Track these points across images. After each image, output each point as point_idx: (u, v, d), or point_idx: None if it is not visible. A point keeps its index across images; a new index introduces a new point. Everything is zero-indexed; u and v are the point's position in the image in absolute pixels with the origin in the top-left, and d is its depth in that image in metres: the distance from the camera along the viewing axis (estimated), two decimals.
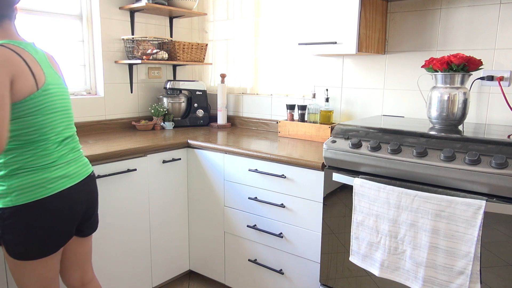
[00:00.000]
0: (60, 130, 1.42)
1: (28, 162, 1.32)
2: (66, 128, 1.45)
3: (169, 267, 2.39)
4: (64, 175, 1.40)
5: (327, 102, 2.36)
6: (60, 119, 1.41)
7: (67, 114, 1.46)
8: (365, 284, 1.71)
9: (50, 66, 1.42)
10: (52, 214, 1.36)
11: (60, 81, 1.45)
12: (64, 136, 1.43)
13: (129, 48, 2.66)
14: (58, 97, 1.41)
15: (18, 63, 1.28)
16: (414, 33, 2.12)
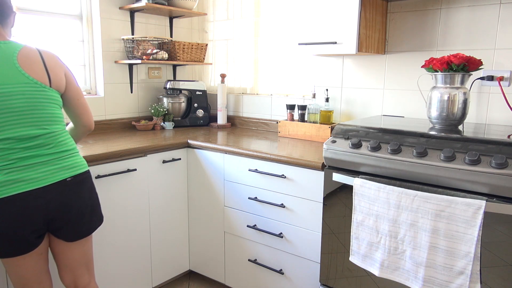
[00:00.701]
0: (12, 132, 1.33)
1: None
2: (23, 130, 1.35)
3: (169, 267, 2.39)
4: (18, 179, 1.33)
5: (327, 102, 2.36)
6: (8, 121, 1.33)
7: (25, 115, 1.35)
8: (365, 284, 1.71)
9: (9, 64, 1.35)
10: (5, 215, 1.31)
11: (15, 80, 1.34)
12: (21, 138, 1.34)
13: (129, 48, 2.66)
14: (5, 97, 1.32)
15: None
16: (414, 33, 2.12)
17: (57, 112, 1.46)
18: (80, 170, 1.48)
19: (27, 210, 1.34)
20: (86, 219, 1.51)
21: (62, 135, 1.47)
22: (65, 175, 1.42)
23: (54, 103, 1.44)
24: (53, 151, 1.41)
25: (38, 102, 1.39)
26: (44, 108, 1.40)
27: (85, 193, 1.49)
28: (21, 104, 1.35)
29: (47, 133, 1.41)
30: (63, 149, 1.44)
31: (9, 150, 1.33)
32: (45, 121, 1.40)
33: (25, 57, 1.39)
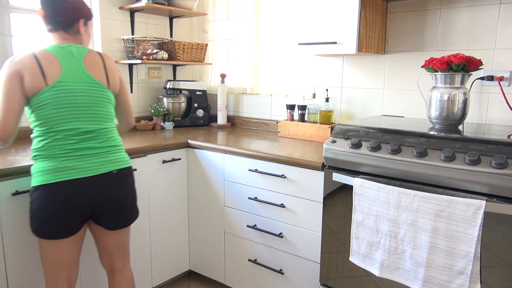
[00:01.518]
0: (69, 125, 1.50)
1: (43, 150, 1.49)
2: (82, 124, 1.53)
3: (169, 267, 2.39)
4: (60, 167, 1.48)
5: (327, 102, 2.36)
6: (71, 114, 1.51)
7: (86, 110, 1.53)
8: (365, 284, 1.71)
9: (78, 65, 1.54)
10: (52, 200, 1.47)
11: (81, 79, 1.53)
12: (75, 131, 1.51)
13: (129, 48, 2.66)
14: (67, 93, 1.50)
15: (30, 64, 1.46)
16: (414, 33, 2.12)
17: (111, 111, 1.64)
18: (124, 165, 1.63)
19: (75, 195, 1.49)
20: (126, 211, 1.64)
21: (113, 131, 1.64)
22: (111, 168, 1.57)
23: (109, 102, 1.62)
24: (103, 145, 1.57)
25: (97, 100, 1.57)
26: (101, 106, 1.58)
27: (127, 187, 1.63)
28: (83, 100, 1.53)
29: (101, 128, 1.58)
30: (112, 144, 1.61)
31: (67, 140, 1.50)
32: (100, 118, 1.58)
33: (89, 59, 1.58)
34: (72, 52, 1.56)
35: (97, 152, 1.55)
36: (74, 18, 1.59)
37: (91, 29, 1.70)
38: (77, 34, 1.62)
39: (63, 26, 1.57)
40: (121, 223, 1.66)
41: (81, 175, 1.50)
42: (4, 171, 1.61)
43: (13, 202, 1.66)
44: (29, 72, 1.45)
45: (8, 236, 1.66)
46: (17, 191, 1.66)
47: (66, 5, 1.56)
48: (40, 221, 1.48)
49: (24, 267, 1.73)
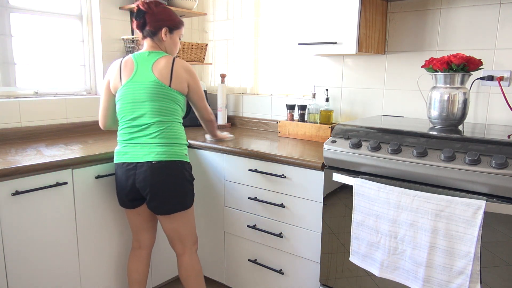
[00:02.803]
0: (130, 117, 1.79)
1: (118, 136, 1.86)
2: (136, 117, 1.78)
3: (169, 267, 2.39)
4: (121, 151, 1.81)
5: (327, 102, 2.36)
6: (129, 108, 1.79)
7: (143, 106, 1.77)
8: (365, 284, 1.71)
9: (147, 68, 1.79)
10: (116, 176, 1.87)
11: (145, 79, 1.77)
12: (134, 123, 1.79)
13: (129, 48, 2.66)
14: (132, 90, 1.78)
15: (114, 69, 1.86)
16: (414, 33, 2.12)
17: (170, 106, 1.81)
18: (165, 158, 1.76)
19: (124, 176, 1.80)
20: (160, 200, 1.78)
21: (169, 127, 1.80)
22: (152, 158, 1.75)
23: (169, 99, 1.80)
24: (153, 137, 1.77)
25: (155, 96, 1.77)
26: (158, 101, 1.77)
27: (164, 178, 1.76)
28: (143, 96, 1.77)
29: (156, 122, 1.77)
30: (162, 137, 1.77)
31: (129, 129, 1.80)
32: (157, 112, 1.77)
33: (159, 63, 1.80)
34: (147, 57, 1.82)
35: (146, 143, 1.76)
36: (158, 27, 1.84)
37: (177, 37, 1.93)
38: (161, 41, 1.87)
39: (150, 34, 1.85)
40: (160, 210, 1.80)
41: (129, 160, 1.77)
42: (4, 171, 1.61)
43: (13, 202, 1.66)
44: (113, 76, 1.85)
45: (8, 236, 1.66)
46: (17, 191, 1.66)
47: (153, 17, 1.83)
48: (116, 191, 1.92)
49: (24, 267, 1.73)
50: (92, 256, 1.98)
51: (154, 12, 1.83)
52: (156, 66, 1.79)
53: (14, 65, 2.30)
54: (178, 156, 1.80)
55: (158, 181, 1.75)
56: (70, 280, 1.90)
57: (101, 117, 1.94)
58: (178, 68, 1.82)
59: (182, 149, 1.83)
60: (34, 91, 2.38)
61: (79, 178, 1.88)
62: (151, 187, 1.75)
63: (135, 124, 1.78)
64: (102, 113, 1.93)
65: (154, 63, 1.80)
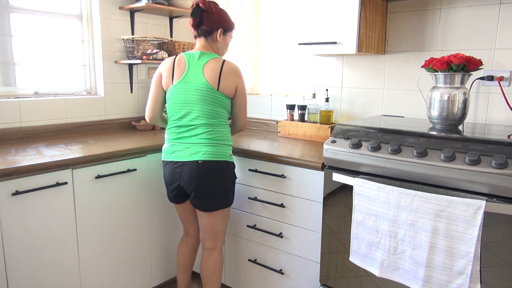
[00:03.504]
0: (178, 116, 1.85)
1: (166, 134, 1.93)
2: (185, 117, 1.84)
3: (169, 267, 2.39)
4: (169, 150, 1.88)
5: (327, 102, 2.36)
6: (179, 108, 1.84)
7: (192, 106, 1.81)
8: (365, 284, 1.71)
9: (197, 69, 1.83)
10: (164, 173, 1.94)
11: (195, 80, 1.81)
12: (182, 122, 1.84)
13: (129, 48, 2.66)
14: (183, 91, 1.83)
15: (168, 66, 1.88)
16: (414, 33, 2.12)
17: (218, 110, 1.84)
18: (211, 158, 1.81)
19: (171, 173, 1.88)
20: (204, 198, 1.84)
21: (215, 128, 1.84)
22: (198, 158, 1.80)
23: (217, 102, 1.83)
24: (200, 138, 1.82)
25: (204, 99, 1.81)
26: (208, 104, 1.81)
27: (208, 177, 1.81)
28: (193, 98, 1.81)
29: (203, 124, 1.82)
30: (208, 137, 1.82)
31: (178, 129, 1.86)
32: (205, 114, 1.82)
33: (209, 65, 1.83)
34: (199, 58, 1.85)
35: (193, 142, 1.82)
36: (214, 27, 1.87)
37: (229, 39, 1.97)
38: (214, 41, 1.90)
39: (205, 33, 1.88)
40: (201, 207, 1.87)
41: (176, 159, 1.84)
42: (4, 171, 1.61)
43: (13, 202, 1.66)
44: (165, 72, 1.88)
45: (8, 236, 1.66)
46: (17, 191, 1.66)
47: (211, 16, 1.85)
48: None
49: (24, 267, 1.73)
50: (92, 256, 1.97)
51: (213, 12, 1.86)
52: (206, 68, 1.83)
53: (14, 65, 2.30)
54: (223, 156, 1.84)
55: (203, 180, 1.81)
56: (70, 280, 1.90)
57: (149, 108, 1.96)
58: (226, 71, 1.84)
59: (227, 150, 1.87)
60: (34, 91, 2.38)
61: (79, 178, 1.88)
62: (196, 185, 1.82)
63: (183, 124, 1.84)
64: (151, 104, 1.95)
65: (205, 65, 1.83)
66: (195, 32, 1.91)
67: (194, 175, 1.80)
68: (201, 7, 1.84)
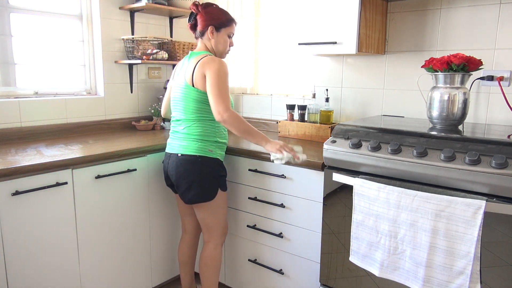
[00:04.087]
0: (173, 114, 2.00)
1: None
2: (175, 113, 1.98)
3: (169, 267, 2.39)
4: (167, 143, 2.02)
5: (327, 102, 2.36)
6: (172, 105, 2.01)
7: (177, 104, 1.94)
8: (365, 284, 1.71)
9: (184, 69, 1.92)
10: None
11: (179, 79, 1.93)
12: (174, 119, 1.99)
13: (129, 48, 2.66)
14: (174, 90, 1.98)
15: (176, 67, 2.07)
16: (414, 33, 2.12)
17: (196, 106, 1.88)
18: (188, 152, 1.89)
19: (164, 164, 2.03)
20: (182, 189, 1.93)
21: (195, 124, 1.90)
22: (177, 151, 1.92)
23: (194, 99, 1.88)
24: (181, 133, 1.93)
25: (183, 96, 1.90)
26: (187, 101, 1.90)
27: (185, 170, 1.89)
28: (177, 96, 1.94)
29: (184, 119, 1.92)
30: (188, 132, 1.90)
31: (171, 124, 2.01)
32: (185, 111, 1.91)
33: (189, 64, 1.91)
34: (189, 57, 1.95)
35: (177, 136, 1.94)
36: (205, 26, 1.94)
37: (223, 35, 1.96)
38: (208, 40, 1.96)
39: (199, 34, 1.98)
40: (184, 199, 1.95)
41: (167, 151, 1.99)
42: (4, 171, 1.61)
43: (13, 202, 1.66)
44: (174, 72, 2.08)
45: (8, 236, 1.66)
46: (17, 191, 1.66)
47: (202, 17, 1.94)
48: None
49: (24, 267, 1.73)
50: (92, 256, 1.97)
51: (202, 12, 1.94)
52: (188, 66, 1.91)
53: (14, 65, 2.30)
54: (199, 151, 1.88)
55: (180, 171, 1.90)
56: (70, 280, 1.90)
57: (163, 105, 2.20)
58: (199, 65, 1.86)
59: (206, 145, 1.90)
60: (34, 91, 2.38)
61: (79, 178, 1.88)
62: (175, 176, 1.93)
63: (174, 120, 1.99)
64: (164, 102, 2.18)
65: (190, 63, 1.91)
66: (194, 34, 2.02)
67: (174, 167, 1.92)
68: (192, 11, 1.96)
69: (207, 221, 2.00)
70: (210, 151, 1.90)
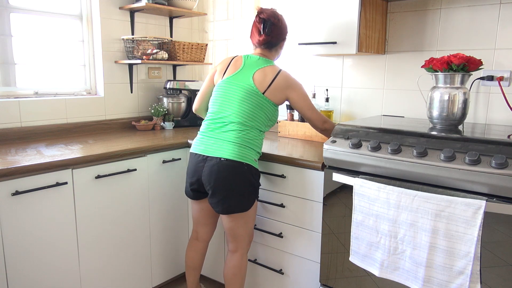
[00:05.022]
0: (216, 110, 1.87)
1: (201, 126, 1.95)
2: (222, 112, 1.85)
3: (169, 267, 2.39)
4: (197, 142, 1.89)
5: (327, 102, 2.36)
6: (218, 104, 1.88)
7: (231, 104, 1.83)
8: (365, 284, 1.71)
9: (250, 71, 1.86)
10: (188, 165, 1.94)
11: (243, 80, 1.85)
12: (218, 117, 1.86)
13: (129, 48, 2.66)
14: (223, 89, 1.88)
15: (224, 62, 1.97)
16: (414, 33, 2.12)
17: (256, 113, 1.84)
18: (234, 158, 1.77)
19: (194, 166, 1.86)
20: (220, 197, 1.80)
21: (247, 130, 1.82)
22: (221, 155, 1.78)
23: (258, 105, 1.83)
24: (229, 135, 1.81)
25: (245, 99, 1.83)
26: (247, 105, 1.82)
27: (228, 177, 1.77)
28: (235, 95, 1.84)
29: (237, 122, 1.81)
30: (237, 136, 1.80)
31: (211, 122, 1.88)
32: (241, 114, 1.82)
33: (262, 71, 1.86)
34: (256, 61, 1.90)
35: (221, 138, 1.81)
36: (281, 39, 1.97)
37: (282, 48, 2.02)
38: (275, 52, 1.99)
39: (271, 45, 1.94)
40: (219, 208, 1.82)
41: (201, 152, 1.84)
42: (4, 171, 1.61)
43: (13, 202, 1.66)
44: (220, 68, 1.96)
45: (8, 236, 1.66)
46: (17, 191, 1.66)
47: (280, 30, 1.94)
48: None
49: (24, 267, 1.73)
50: (92, 255, 1.97)
51: (281, 25, 1.93)
52: (260, 72, 1.85)
53: (14, 65, 2.30)
54: (246, 159, 1.80)
55: (222, 178, 1.77)
56: (70, 280, 1.90)
57: (197, 100, 2.07)
58: (280, 78, 1.85)
59: (252, 154, 1.83)
60: (34, 91, 2.38)
61: (79, 178, 1.88)
62: (214, 182, 1.78)
63: (218, 119, 1.85)
64: (199, 97, 2.05)
65: (260, 69, 1.86)
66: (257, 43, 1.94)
67: (214, 171, 1.77)
68: (272, 21, 1.91)
69: (237, 231, 1.89)
70: (255, 160, 1.84)
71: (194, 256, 2.10)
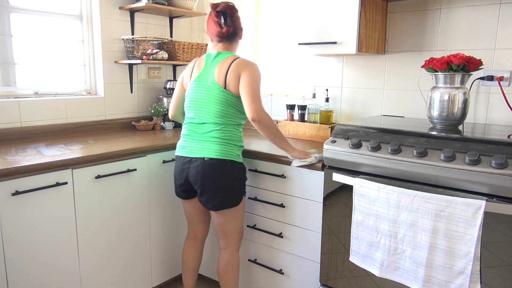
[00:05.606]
0: (191, 114, 1.90)
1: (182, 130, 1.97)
2: (197, 115, 1.88)
3: (169, 267, 2.39)
4: (181, 145, 1.92)
5: (327, 102, 2.36)
6: (192, 108, 1.90)
7: (200, 105, 1.86)
8: (365, 284, 1.71)
9: (211, 68, 1.86)
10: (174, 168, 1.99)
11: (206, 79, 1.86)
12: (194, 120, 1.89)
13: (129, 48, 2.66)
14: (192, 92, 1.90)
15: (190, 66, 1.99)
16: (414, 33, 2.12)
17: (226, 110, 1.84)
18: (217, 156, 1.81)
19: (180, 168, 1.92)
20: (209, 194, 1.85)
21: (223, 128, 1.84)
22: (204, 155, 1.82)
23: (225, 102, 1.83)
24: (208, 135, 1.84)
25: (210, 98, 1.84)
26: (216, 104, 1.83)
27: (214, 175, 1.82)
28: (203, 97, 1.86)
29: (212, 122, 1.84)
30: (216, 136, 1.83)
31: (189, 125, 1.92)
32: (213, 114, 1.84)
33: (221, 64, 1.85)
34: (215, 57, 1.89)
35: (202, 139, 1.85)
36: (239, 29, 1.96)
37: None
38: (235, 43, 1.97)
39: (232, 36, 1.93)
40: (209, 205, 1.88)
41: (185, 154, 1.88)
42: (4, 171, 1.61)
43: (13, 202, 1.66)
44: (187, 72, 1.99)
45: (8, 236, 1.66)
46: (17, 191, 1.66)
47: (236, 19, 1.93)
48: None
49: (24, 267, 1.73)
50: (92, 256, 1.97)
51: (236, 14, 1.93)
52: (218, 67, 1.85)
53: (14, 65, 2.30)
54: (229, 155, 1.83)
55: (208, 177, 1.82)
56: (70, 280, 1.90)
57: (172, 107, 2.08)
58: (233, 67, 1.82)
59: (234, 149, 1.85)
60: (34, 91, 2.38)
61: (79, 178, 1.88)
62: (201, 181, 1.83)
63: (195, 121, 1.89)
64: (173, 103, 2.07)
65: (219, 63, 1.85)
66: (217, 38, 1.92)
67: (200, 171, 1.82)
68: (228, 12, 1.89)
69: (226, 226, 1.93)
70: (238, 155, 1.87)
71: (193, 255, 2.11)
